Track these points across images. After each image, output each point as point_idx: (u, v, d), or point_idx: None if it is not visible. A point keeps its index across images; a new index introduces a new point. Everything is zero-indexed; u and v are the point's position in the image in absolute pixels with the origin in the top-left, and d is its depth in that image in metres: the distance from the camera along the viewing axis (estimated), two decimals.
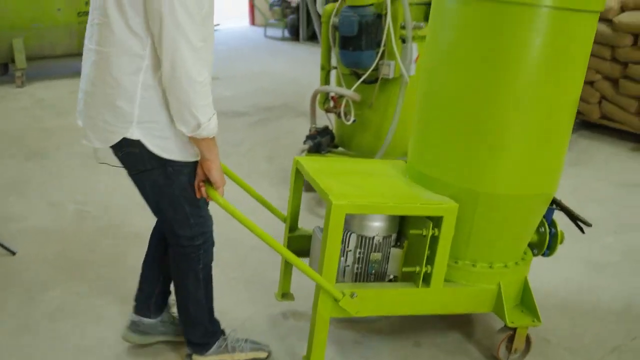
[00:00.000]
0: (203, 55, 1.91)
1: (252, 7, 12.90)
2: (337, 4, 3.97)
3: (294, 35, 11.20)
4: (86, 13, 7.49)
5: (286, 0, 11.53)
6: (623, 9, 5.28)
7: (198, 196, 2.16)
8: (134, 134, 1.99)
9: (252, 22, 13.10)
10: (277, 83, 7.76)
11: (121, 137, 2.00)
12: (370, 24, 3.73)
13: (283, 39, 11.31)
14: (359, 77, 3.94)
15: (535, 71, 2.16)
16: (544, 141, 2.28)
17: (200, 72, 1.89)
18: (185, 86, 1.87)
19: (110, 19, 1.90)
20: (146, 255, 2.54)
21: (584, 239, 2.92)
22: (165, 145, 2.03)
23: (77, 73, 2.15)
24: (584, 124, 5.74)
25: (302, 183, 2.67)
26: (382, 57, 3.84)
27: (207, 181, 2.12)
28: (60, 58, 7.84)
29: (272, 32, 11.68)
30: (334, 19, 3.99)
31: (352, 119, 4.01)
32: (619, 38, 5.17)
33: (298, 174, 2.61)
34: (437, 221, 2.28)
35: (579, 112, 5.65)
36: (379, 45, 3.80)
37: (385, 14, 3.74)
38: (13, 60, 7.29)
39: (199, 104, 1.91)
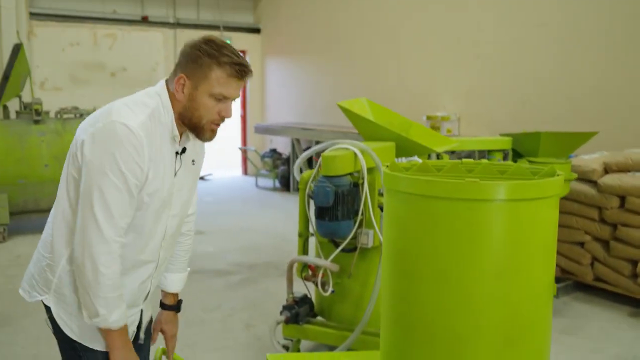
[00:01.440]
0: (118, 249, 1.89)
1: (244, 158, 13.14)
2: (313, 172, 3.90)
3: (285, 186, 11.26)
4: None
5: (277, 152, 11.73)
6: (606, 170, 5.25)
7: None
8: (49, 301, 2.04)
9: (245, 172, 13.29)
10: (263, 237, 7.62)
11: (40, 299, 2.06)
12: (347, 194, 3.62)
13: (274, 189, 11.36)
14: (337, 245, 3.79)
15: (493, 267, 1.93)
16: (515, 340, 2.02)
17: (107, 264, 1.87)
18: (88, 274, 1.86)
19: (60, 191, 2.02)
20: None
21: None
22: (67, 321, 2.02)
23: None
24: (578, 286, 5.49)
25: None
26: (360, 226, 3.71)
27: None
28: (44, 212, 7.74)
29: (263, 182, 11.77)
30: (310, 185, 3.90)
31: (330, 289, 3.80)
32: (605, 200, 5.08)
33: None
34: None
35: (571, 274, 5.45)
36: (356, 214, 3.68)
37: (362, 182, 3.66)
38: None
39: (100, 294, 1.88)
